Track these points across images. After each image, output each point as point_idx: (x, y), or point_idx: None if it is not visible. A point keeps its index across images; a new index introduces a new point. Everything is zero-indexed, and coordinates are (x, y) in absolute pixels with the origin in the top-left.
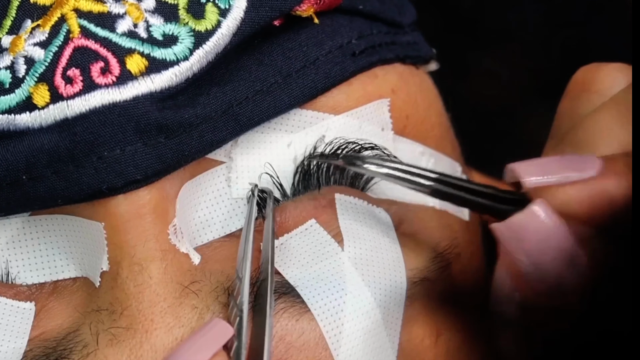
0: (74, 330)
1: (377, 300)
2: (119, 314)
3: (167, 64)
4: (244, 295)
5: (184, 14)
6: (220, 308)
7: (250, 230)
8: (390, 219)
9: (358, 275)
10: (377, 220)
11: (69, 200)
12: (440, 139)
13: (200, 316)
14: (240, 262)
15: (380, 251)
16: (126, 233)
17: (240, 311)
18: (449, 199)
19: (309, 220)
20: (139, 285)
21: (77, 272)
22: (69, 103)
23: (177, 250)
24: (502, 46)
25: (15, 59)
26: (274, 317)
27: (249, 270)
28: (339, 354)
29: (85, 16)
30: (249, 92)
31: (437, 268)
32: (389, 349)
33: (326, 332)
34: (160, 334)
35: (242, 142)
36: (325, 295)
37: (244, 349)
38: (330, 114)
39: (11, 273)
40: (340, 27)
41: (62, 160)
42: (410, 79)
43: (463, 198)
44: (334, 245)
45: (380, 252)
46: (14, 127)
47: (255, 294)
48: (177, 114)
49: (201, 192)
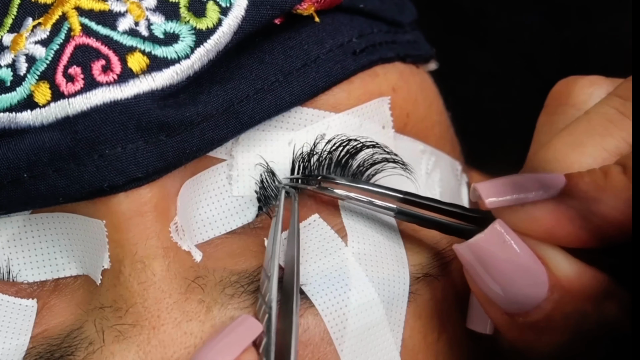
0: (77, 327)
1: (380, 296)
2: (124, 311)
3: (168, 62)
4: (273, 293)
5: (185, 12)
6: (227, 300)
7: (278, 229)
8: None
9: (362, 271)
10: (380, 216)
11: (70, 198)
12: (440, 138)
13: (208, 309)
14: (268, 260)
15: (383, 247)
16: (127, 231)
17: (269, 308)
18: (415, 221)
19: (312, 215)
20: (142, 283)
21: (78, 270)
22: (70, 101)
23: (178, 248)
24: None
25: (17, 57)
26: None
27: (277, 268)
28: (343, 349)
29: (86, 14)
30: (250, 90)
31: (439, 265)
32: (392, 345)
33: (330, 327)
34: (168, 329)
35: (243, 140)
36: (329, 291)
37: (273, 345)
38: (331, 112)
39: (12, 271)
40: (341, 26)
41: (64, 159)
42: (410, 78)
43: (428, 219)
44: (337, 240)
45: (383, 248)
46: (15, 125)
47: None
48: (179, 112)
49: (202, 189)
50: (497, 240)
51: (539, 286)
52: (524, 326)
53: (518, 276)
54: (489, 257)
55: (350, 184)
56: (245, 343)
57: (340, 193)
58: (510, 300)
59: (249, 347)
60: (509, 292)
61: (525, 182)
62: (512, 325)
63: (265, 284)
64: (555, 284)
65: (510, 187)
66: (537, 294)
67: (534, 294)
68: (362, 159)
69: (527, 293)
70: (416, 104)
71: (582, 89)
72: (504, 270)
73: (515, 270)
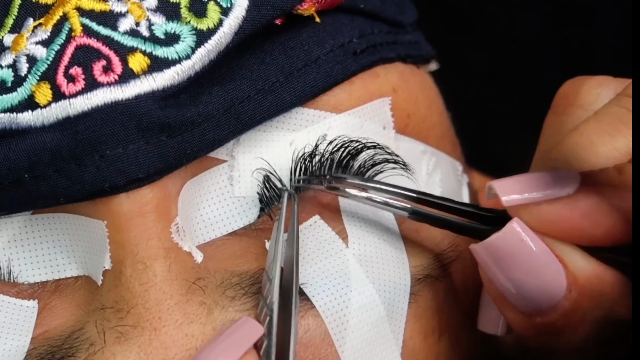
0: (78, 328)
1: (381, 297)
2: (125, 312)
3: (169, 63)
4: (274, 295)
5: (185, 13)
6: (229, 302)
7: (280, 231)
8: (393, 216)
9: (363, 272)
10: (381, 218)
11: (71, 199)
12: (441, 138)
13: (209, 311)
14: (270, 263)
15: (384, 248)
16: (128, 231)
17: (271, 311)
18: (428, 221)
19: (312, 216)
20: (144, 284)
21: (79, 271)
22: (71, 101)
23: (179, 249)
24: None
25: (18, 58)
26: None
27: (279, 271)
28: (344, 350)
29: (87, 15)
30: (251, 90)
31: (440, 266)
32: (393, 346)
33: (331, 328)
34: (170, 330)
35: (245, 141)
36: (330, 292)
37: (274, 347)
38: (332, 113)
39: (13, 272)
40: (342, 26)
41: (64, 159)
42: (411, 78)
43: (442, 219)
44: (338, 242)
45: (384, 249)
46: (16, 125)
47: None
48: (179, 112)
49: (203, 190)
50: (514, 239)
51: (556, 285)
52: (541, 326)
53: (536, 275)
54: (506, 256)
55: (363, 183)
56: (246, 345)
57: (353, 193)
58: (527, 300)
59: (250, 350)
60: (526, 291)
61: (541, 180)
62: (528, 326)
63: (267, 287)
64: (573, 282)
65: (526, 185)
66: (555, 293)
67: (552, 293)
68: (363, 160)
69: (544, 292)
70: (417, 104)
71: (589, 89)
72: (521, 269)
73: (533, 269)
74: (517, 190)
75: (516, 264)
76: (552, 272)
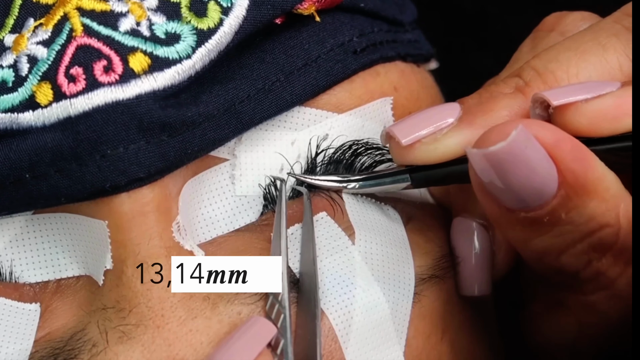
0: (80, 329)
1: (386, 296)
2: (127, 311)
3: (169, 62)
4: (284, 292)
5: (186, 12)
6: (233, 295)
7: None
8: (398, 215)
9: (368, 270)
10: (386, 217)
11: (72, 199)
12: None
13: (213, 305)
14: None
15: (389, 247)
16: (130, 231)
17: (283, 307)
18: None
19: (319, 212)
20: (146, 283)
21: (80, 271)
22: (72, 101)
23: (181, 248)
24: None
25: (18, 58)
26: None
27: (286, 266)
28: (347, 347)
29: (87, 14)
30: (251, 90)
31: (445, 266)
32: (396, 344)
33: (336, 325)
34: (173, 327)
35: (246, 140)
36: (335, 290)
37: (290, 345)
38: (334, 113)
39: (15, 271)
40: (342, 25)
41: (65, 159)
42: (411, 77)
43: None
44: (344, 238)
45: (389, 248)
46: (17, 125)
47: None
48: (180, 112)
49: (204, 189)
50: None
51: (548, 186)
52: (524, 221)
53: (531, 177)
54: (506, 162)
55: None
56: (260, 346)
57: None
58: (518, 198)
59: (264, 350)
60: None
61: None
62: (510, 220)
63: None
64: (563, 181)
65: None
66: (545, 192)
67: (543, 193)
68: (364, 160)
69: (536, 191)
70: (418, 102)
71: (573, 21)
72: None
73: (530, 171)
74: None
75: (515, 169)
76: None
